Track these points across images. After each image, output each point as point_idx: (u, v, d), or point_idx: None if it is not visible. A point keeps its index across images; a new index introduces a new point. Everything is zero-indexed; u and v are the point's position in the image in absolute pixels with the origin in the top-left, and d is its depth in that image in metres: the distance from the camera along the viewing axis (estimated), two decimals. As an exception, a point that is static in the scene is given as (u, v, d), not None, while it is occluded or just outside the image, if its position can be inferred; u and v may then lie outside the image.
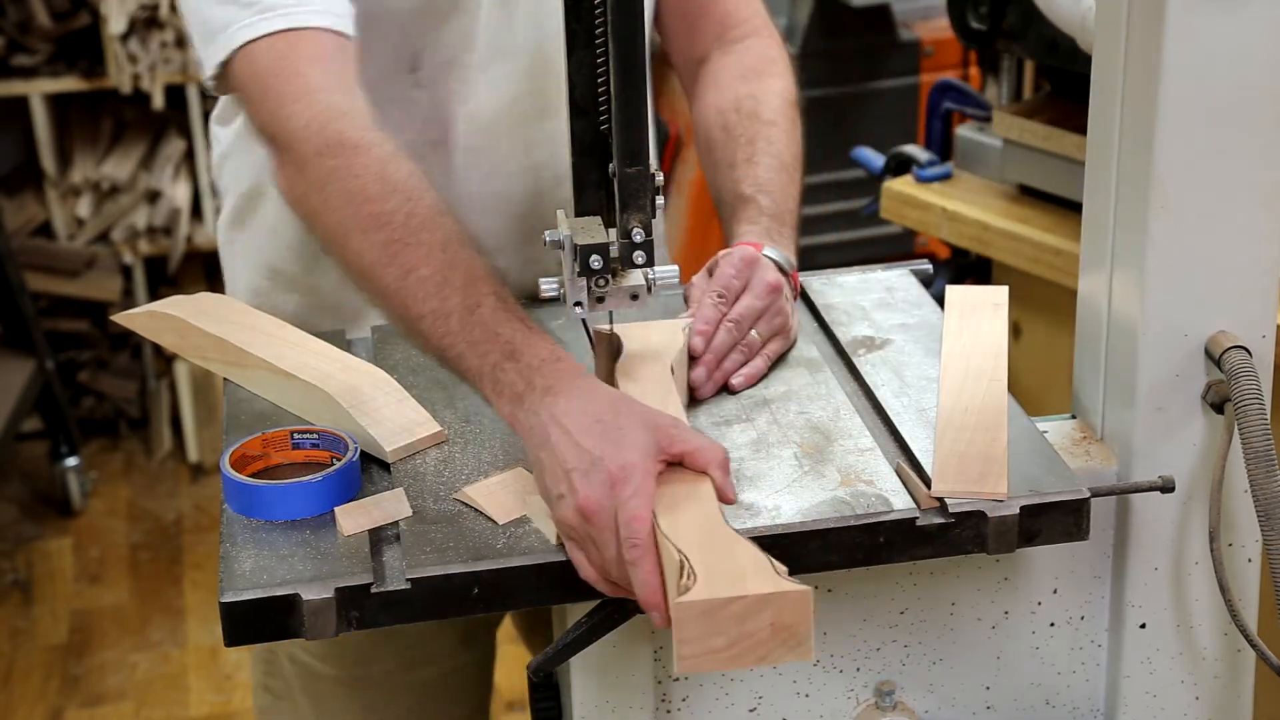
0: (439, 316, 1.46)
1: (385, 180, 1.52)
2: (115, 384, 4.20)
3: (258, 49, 1.62)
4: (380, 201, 1.50)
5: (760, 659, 1.26)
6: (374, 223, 1.50)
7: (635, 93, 1.48)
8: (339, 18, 1.64)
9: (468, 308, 1.45)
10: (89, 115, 4.13)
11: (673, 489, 1.37)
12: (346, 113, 1.58)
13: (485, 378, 1.44)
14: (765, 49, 1.94)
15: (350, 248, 1.52)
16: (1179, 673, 1.63)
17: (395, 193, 1.51)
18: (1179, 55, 1.44)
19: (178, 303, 1.77)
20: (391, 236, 1.49)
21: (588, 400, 1.40)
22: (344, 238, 1.52)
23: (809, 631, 1.25)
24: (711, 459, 1.39)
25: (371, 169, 1.53)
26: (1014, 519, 1.44)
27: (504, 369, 1.42)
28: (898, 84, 3.69)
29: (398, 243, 1.48)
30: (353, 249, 1.52)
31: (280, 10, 1.61)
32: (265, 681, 2.03)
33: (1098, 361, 1.60)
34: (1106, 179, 1.55)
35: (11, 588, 3.68)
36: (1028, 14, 2.42)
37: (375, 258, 1.49)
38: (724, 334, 1.63)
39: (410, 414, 1.57)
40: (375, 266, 1.49)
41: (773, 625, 1.24)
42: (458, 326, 1.45)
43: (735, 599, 1.24)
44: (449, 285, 1.46)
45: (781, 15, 3.64)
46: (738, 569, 1.28)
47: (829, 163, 3.50)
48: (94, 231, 4.07)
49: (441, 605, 1.40)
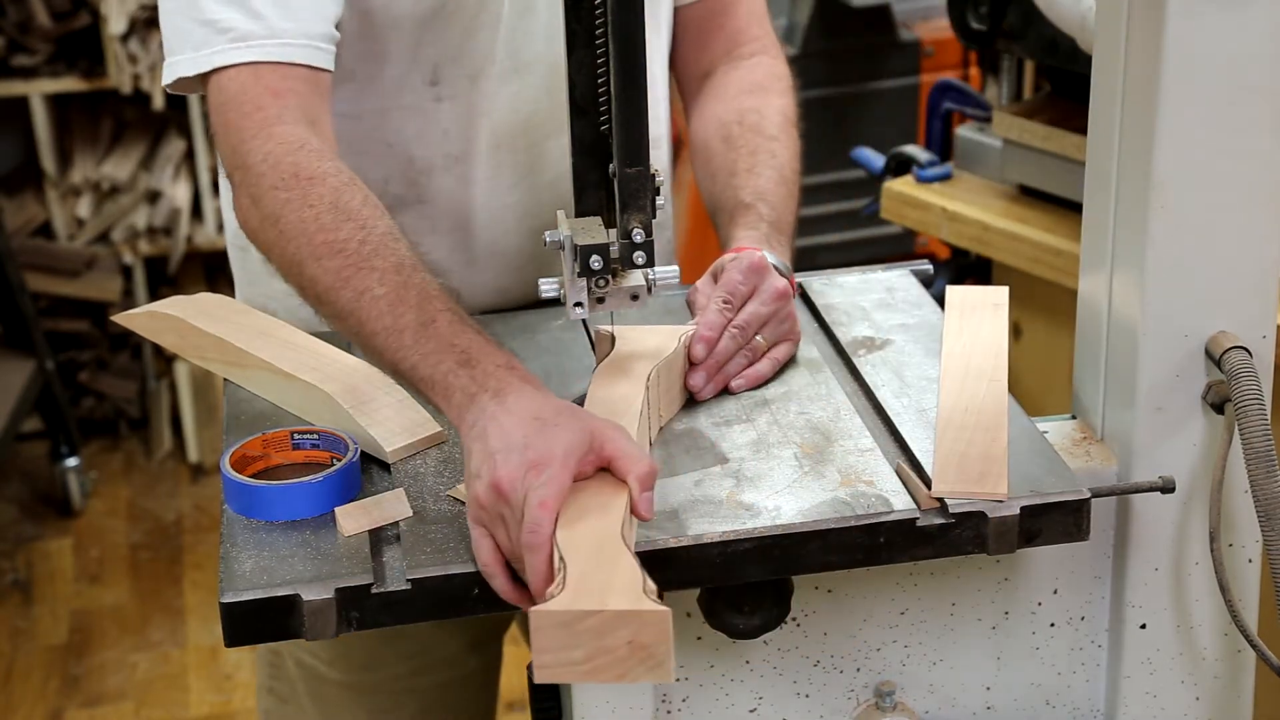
0: (392, 333, 1.48)
1: (339, 209, 1.55)
2: (115, 384, 4.20)
3: (225, 78, 1.64)
4: (334, 230, 1.53)
5: (618, 676, 1.26)
6: (328, 250, 1.53)
7: (635, 93, 1.48)
8: (312, 49, 1.66)
9: (422, 323, 1.48)
10: (89, 115, 4.13)
11: (589, 496, 1.37)
12: (303, 145, 1.60)
13: (437, 385, 1.46)
14: (772, 67, 1.96)
15: (306, 274, 1.55)
16: (1179, 673, 1.63)
17: (349, 221, 1.54)
18: (1179, 55, 1.44)
19: (178, 303, 1.77)
20: (345, 262, 1.52)
21: (532, 401, 1.41)
22: (299, 266, 1.55)
23: (668, 653, 1.25)
24: (633, 469, 1.38)
25: (326, 198, 1.55)
26: (1014, 519, 1.44)
27: (457, 374, 1.44)
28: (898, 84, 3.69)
29: (351, 267, 1.51)
30: (308, 276, 1.54)
31: (251, 41, 1.64)
32: (270, 684, 2.03)
33: (1098, 361, 1.60)
34: (1106, 179, 1.55)
35: (11, 588, 3.68)
36: (1028, 14, 2.42)
37: (330, 283, 1.52)
38: (728, 340, 1.63)
39: (410, 414, 1.57)
40: (330, 290, 1.52)
41: (631, 643, 1.25)
42: (411, 341, 1.47)
43: (592, 613, 1.24)
44: (403, 303, 1.49)
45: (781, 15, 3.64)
46: (605, 583, 1.28)
47: (829, 163, 3.50)
48: (94, 231, 4.06)
49: (442, 606, 1.40)
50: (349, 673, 1.96)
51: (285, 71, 1.64)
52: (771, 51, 1.98)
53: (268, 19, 1.64)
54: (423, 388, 1.48)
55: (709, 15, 1.95)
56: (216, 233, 4.04)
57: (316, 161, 1.59)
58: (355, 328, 1.52)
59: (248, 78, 1.63)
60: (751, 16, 1.97)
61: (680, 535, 1.41)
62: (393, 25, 1.74)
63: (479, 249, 1.86)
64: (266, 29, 1.63)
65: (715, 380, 1.63)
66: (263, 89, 1.63)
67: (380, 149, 1.80)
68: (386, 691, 1.97)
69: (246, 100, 1.63)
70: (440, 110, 1.79)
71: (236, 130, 1.63)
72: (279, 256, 1.59)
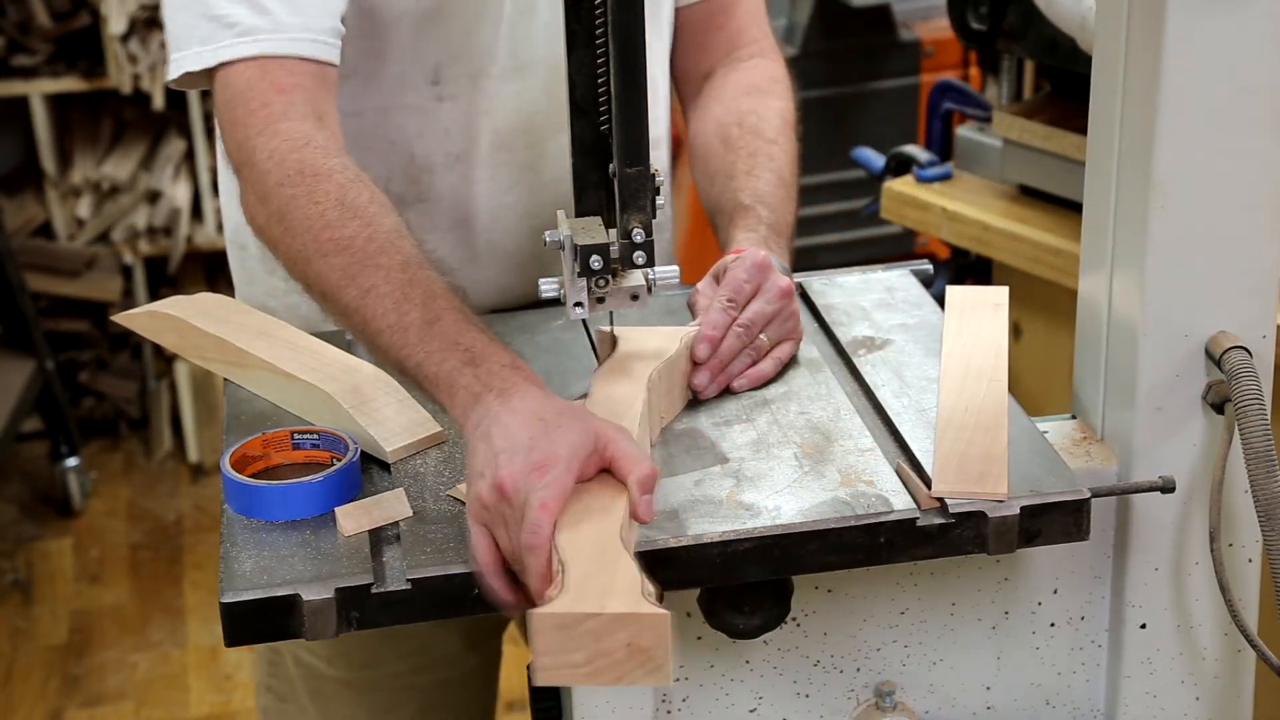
0: (397, 330, 1.49)
1: (345, 206, 1.55)
2: (115, 384, 4.20)
3: (231, 73, 1.64)
4: (340, 227, 1.54)
5: (618, 679, 1.26)
6: (334, 247, 1.53)
7: (635, 93, 1.48)
8: (318, 43, 1.66)
9: (427, 321, 1.48)
10: (89, 115, 4.13)
11: (590, 498, 1.38)
12: (309, 141, 1.60)
13: (441, 383, 1.46)
14: (771, 69, 1.96)
15: (312, 271, 1.55)
16: (1179, 673, 1.63)
17: (355, 218, 1.54)
18: (1179, 55, 1.44)
19: (178, 303, 1.77)
20: (351, 260, 1.52)
21: (536, 401, 1.42)
22: (305, 263, 1.56)
23: (667, 656, 1.25)
24: (633, 471, 1.38)
25: (332, 195, 1.56)
26: (1014, 519, 1.44)
27: (462, 373, 1.45)
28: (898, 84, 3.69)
29: (357, 264, 1.52)
30: (314, 272, 1.55)
31: (258, 35, 1.63)
32: (269, 682, 2.03)
33: (1098, 361, 1.60)
34: (1106, 179, 1.55)
35: (11, 588, 3.68)
36: (1028, 14, 2.42)
37: (336, 280, 1.53)
38: (733, 339, 1.63)
39: (411, 414, 1.57)
40: (336, 287, 1.53)
41: (630, 646, 1.25)
42: (416, 339, 1.48)
43: (591, 615, 1.25)
44: (408, 301, 1.49)
45: (781, 15, 3.63)
46: (605, 586, 1.28)
47: (829, 163, 3.50)
48: (94, 232, 4.06)
49: (442, 606, 1.40)
50: (348, 670, 1.96)
51: (292, 66, 1.64)
52: (770, 54, 1.98)
53: (274, 14, 1.64)
54: (427, 386, 1.48)
55: (708, 16, 1.95)
56: (216, 233, 4.03)
57: (322, 158, 1.59)
58: (360, 325, 1.52)
59: (254, 73, 1.63)
60: (750, 18, 1.97)
61: (680, 535, 1.41)
62: (394, 23, 1.74)
63: (480, 247, 1.86)
64: (273, 23, 1.64)
65: (719, 380, 1.63)
66: (269, 84, 1.63)
67: (383, 146, 1.80)
68: (385, 689, 1.97)
69: (253, 96, 1.63)
70: (441, 109, 1.80)
71: (243, 126, 1.63)
72: (285, 253, 1.59)
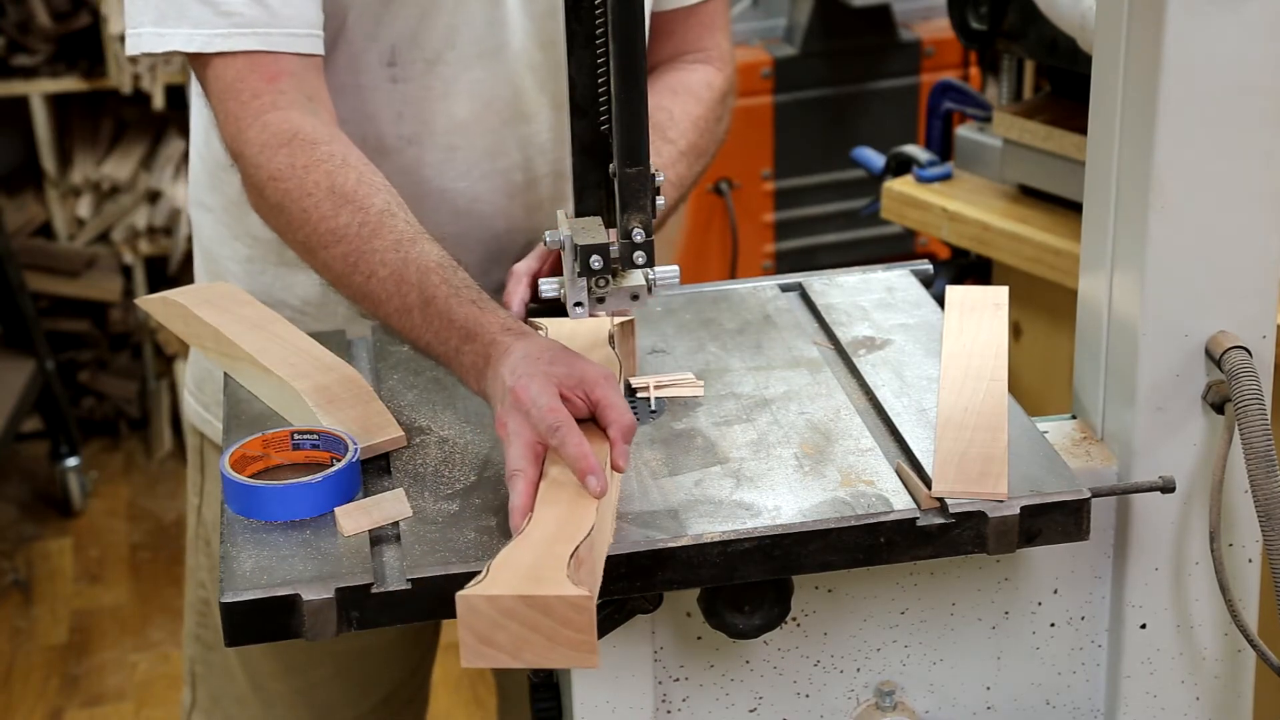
0: (403, 312, 1.55)
1: (335, 193, 1.60)
2: (115, 384, 4.20)
3: (223, 63, 1.68)
4: (334, 217, 1.60)
5: (544, 661, 1.27)
6: (332, 238, 1.60)
7: (635, 93, 1.48)
8: (309, 36, 1.69)
9: (425, 300, 1.54)
10: (89, 115, 4.13)
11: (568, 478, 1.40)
12: (298, 131, 1.64)
13: (452, 362, 1.54)
14: (708, 75, 1.95)
15: (318, 262, 1.63)
16: (1179, 673, 1.63)
17: (346, 204, 1.60)
18: (1179, 55, 1.44)
19: (188, 291, 1.81)
20: (349, 248, 1.59)
21: (536, 344, 1.48)
22: (310, 254, 1.63)
23: (592, 639, 1.26)
24: (617, 420, 1.44)
25: (322, 184, 1.61)
26: (1014, 519, 1.44)
27: (464, 351, 1.51)
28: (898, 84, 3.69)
29: (355, 252, 1.58)
30: (320, 263, 1.62)
31: (253, 28, 1.66)
32: (198, 632, 2.06)
33: (1098, 361, 1.60)
34: (1106, 179, 1.55)
35: (11, 588, 3.68)
36: (1028, 14, 2.42)
37: (340, 269, 1.60)
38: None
39: (375, 418, 1.58)
40: (342, 277, 1.60)
41: (554, 629, 1.25)
42: (420, 320, 1.54)
43: (515, 597, 1.25)
44: (405, 282, 1.55)
45: (781, 15, 3.63)
46: (538, 569, 1.28)
47: (829, 163, 3.50)
48: (94, 231, 4.07)
49: (442, 606, 1.40)
50: None
51: (280, 59, 1.67)
52: (716, 63, 1.96)
53: (269, 4, 1.66)
54: (440, 362, 1.55)
55: (665, 23, 1.95)
56: (216, 233, 4.03)
57: (310, 148, 1.63)
58: (371, 309, 1.59)
59: (243, 65, 1.67)
60: (704, 29, 1.97)
61: (680, 535, 1.41)
62: (352, 3, 1.75)
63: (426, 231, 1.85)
64: (269, 15, 1.66)
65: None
66: (259, 76, 1.67)
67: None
68: (303, 646, 1.97)
69: (244, 88, 1.67)
70: (395, 91, 1.80)
71: (235, 119, 1.67)
72: (291, 243, 1.66)
